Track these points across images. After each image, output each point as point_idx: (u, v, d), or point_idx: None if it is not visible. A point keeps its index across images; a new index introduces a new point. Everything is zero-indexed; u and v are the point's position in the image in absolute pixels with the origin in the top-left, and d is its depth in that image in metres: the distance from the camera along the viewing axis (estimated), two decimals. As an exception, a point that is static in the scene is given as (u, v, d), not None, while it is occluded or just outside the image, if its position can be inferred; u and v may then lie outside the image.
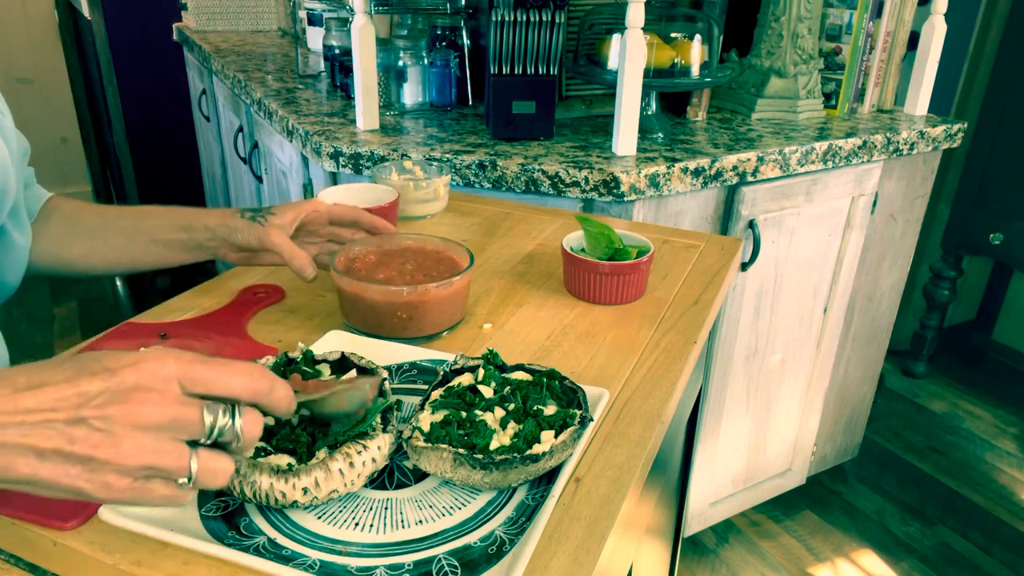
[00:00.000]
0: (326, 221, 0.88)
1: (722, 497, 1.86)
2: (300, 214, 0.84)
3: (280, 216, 0.82)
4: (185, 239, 0.84)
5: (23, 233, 0.84)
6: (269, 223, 0.81)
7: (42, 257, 0.87)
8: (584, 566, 0.51)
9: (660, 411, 0.68)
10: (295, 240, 0.84)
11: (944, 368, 2.70)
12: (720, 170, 1.40)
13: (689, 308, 0.87)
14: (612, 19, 1.58)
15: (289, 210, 0.84)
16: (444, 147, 1.40)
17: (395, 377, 0.71)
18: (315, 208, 0.86)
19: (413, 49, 1.65)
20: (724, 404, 1.71)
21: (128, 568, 0.50)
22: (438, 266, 0.81)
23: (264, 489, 0.52)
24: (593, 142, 1.47)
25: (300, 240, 0.87)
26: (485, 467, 0.54)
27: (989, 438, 2.36)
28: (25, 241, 0.84)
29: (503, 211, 1.16)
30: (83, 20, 3.21)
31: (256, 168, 2.03)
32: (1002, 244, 2.36)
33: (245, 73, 2.01)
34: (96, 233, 0.87)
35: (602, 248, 0.88)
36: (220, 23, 2.73)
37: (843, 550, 1.93)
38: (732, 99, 1.76)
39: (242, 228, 0.80)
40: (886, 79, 1.79)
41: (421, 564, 0.51)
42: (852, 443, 2.15)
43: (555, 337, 0.80)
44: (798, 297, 1.69)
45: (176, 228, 0.84)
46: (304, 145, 1.50)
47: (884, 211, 1.78)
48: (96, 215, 0.89)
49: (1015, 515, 2.05)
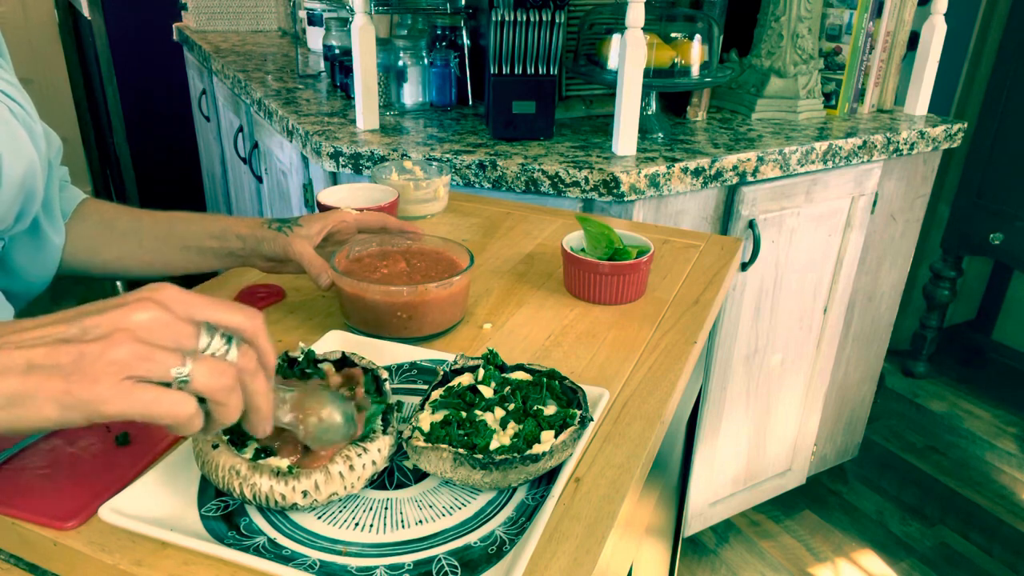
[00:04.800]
0: (355, 231, 0.88)
1: (722, 497, 1.86)
2: (328, 225, 0.85)
3: (307, 227, 0.83)
4: (217, 247, 0.85)
5: (57, 231, 0.86)
6: (295, 233, 0.82)
7: (77, 257, 0.89)
8: (584, 566, 0.51)
9: (660, 411, 0.68)
10: (323, 250, 0.84)
11: (944, 368, 2.70)
12: (720, 170, 1.40)
13: (689, 308, 0.87)
14: (612, 19, 1.58)
15: (316, 221, 0.84)
16: (444, 147, 1.40)
17: (395, 377, 0.71)
18: (343, 219, 0.86)
19: (413, 49, 1.65)
20: (724, 404, 1.71)
21: (128, 568, 0.50)
22: (438, 266, 0.81)
23: (264, 491, 0.52)
24: (593, 142, 1.47)
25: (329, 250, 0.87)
26: (485, 467, 0.54)
27: (989, 438, 2.36)
28: (59, 239, 0.86)
29: (503, 211, 1.16)
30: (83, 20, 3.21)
31: (256, 168, 2.03)
32: (1002, 244, 2.36)
33: (245, 73, 2.01)
34: (131, 237, 0.88)
35: (602, 248, 0.88)
36: (220, 23, 2.73)
37: (843, 550, 1.93)
38: (732, 99, 1.76)
39: (269, 238, 0.81)
40: (886, 79, 1.79)
41: (421, 564, 0.51)
42: (852, 443, 2.15)
43: (555, 337, 0.80)
44: (798, 297, 1.69)
45: (208, 236, 0.85)
46: (304, 145, 1.50)
47: (884, 211, 1.78)
48: (132, 219, 0.90)
49: (1015, 515, 2.05)
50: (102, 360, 0.43)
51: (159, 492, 0.55)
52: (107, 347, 0.43)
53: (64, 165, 0.92)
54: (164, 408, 0.44)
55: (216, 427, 0.47)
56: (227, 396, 0.46)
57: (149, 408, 0.43)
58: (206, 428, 0.47)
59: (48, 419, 0.43)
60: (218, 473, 0.53)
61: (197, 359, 0.45)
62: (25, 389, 0.43)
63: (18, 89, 0.78)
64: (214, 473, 0.53)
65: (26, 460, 0.58)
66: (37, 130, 0.79)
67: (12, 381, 0.43)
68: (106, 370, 0.43)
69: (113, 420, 0.43)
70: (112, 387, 0.43)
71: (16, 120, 0.74)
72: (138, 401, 0.43)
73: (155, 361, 0.44)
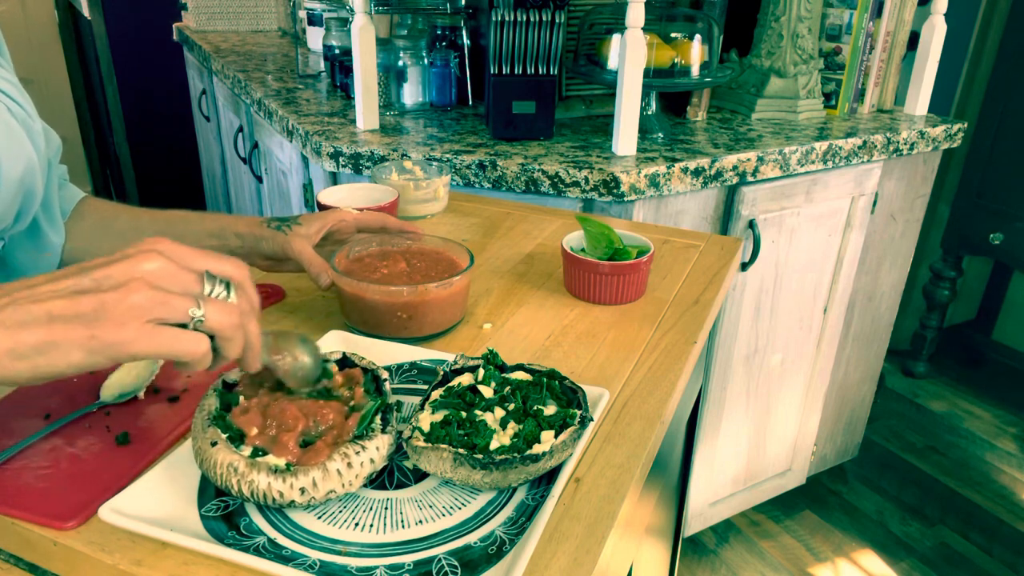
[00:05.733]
0: (354, 230, 0.88)
1: (722, 497, 1.86)
2: (327, 224, 0.84)
3: (306, 226, 0.83)
4: (216, 246, 0.84)
5: (57, 231, 0.86)
6: (293, 232, 0.82)
7: (75, 255, 0.89)
8: (584, 566, 0.51)
9: (660, 411, 0.68)
10: (323, 249, 0.84)
11: (944, 368, 2.70)
12: (720, 170, 1.40)
13: (689, 308, 0.87)
14: (612, 19, 1.58)
15: (315, 220, 0.84)
16: (444, 147, 1.40)
17: (395, 377, 0.71)
18: (342, 218, 0.86)
19: (413, 49, 1.65)
20: (724, 404, 1.71)
21: (128, 568, 0.50)
22: (438, 266, 0.81)
23: (262, 488, 0.52)
24: (593, 142, 1.47)
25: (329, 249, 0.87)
26: (485, 467, 0.54)
27: (989, 438, 2.36)
28: (58, 239, 0.86)
29: (503, 211, 1.16)
30: (83, 20, 3.21)
31: (256, 168, 2.03)
32: (1002, 244, 2.36)
33: (245, 73, 2.01)
34: (129, 235, 0.88)
35: (602, 248, 0.88)
36: (220, 23, 2.73)
37: (843, 550, 1.93)
38: (732, 99, 1.76)
39: (267, 237, 0.81)
40: (886, 79, 1.79)
41: (421, 564, 0.51)
42: (852, 443, 2.15)
43: (555, 337, 0.80)
44: (798, 297, 1.69)
45: (207, 235, 0.85)
46: (304, 145, 1.50)
47: (884, 211, 1.78)
48: (130, 218, 0.90)
49: (1015, 515, 2.05)
50: (123, 305, 0.47)
51: (159, 492, 0.55)
52: (126, 294, 0.47)
53: (63, 164, 0.92)
54: (185, 346, 0.49)
55: (221, 362, 0.53)
56: (235, 332, 0.51)
57: (172, 346, 0.48)
58: (213, 363, 0.52)
59: (73, 364, 0.47)
60: (216, 470, 0.53)
61: (207, 302, 0.50)
62: (51, 338, 0.47)
63: (17, 88, 0.78)
64: (212, 470, 0.53)
65: (26, 460, 0.58)
66: (36, 129, 0.79)
67: (37, 332, 0.47)
68: (129, 314, 0.47)
69: (136, 359, 0.49)
70: (137, 329, 0.47)
71: (15, 119, 0.74)
72: (162, 341, 0.48)
73: (172, 305, 0.48)
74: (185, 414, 0.64)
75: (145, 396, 0.66)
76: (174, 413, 0.65)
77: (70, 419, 0.63)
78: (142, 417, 0.64)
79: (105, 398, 0.65)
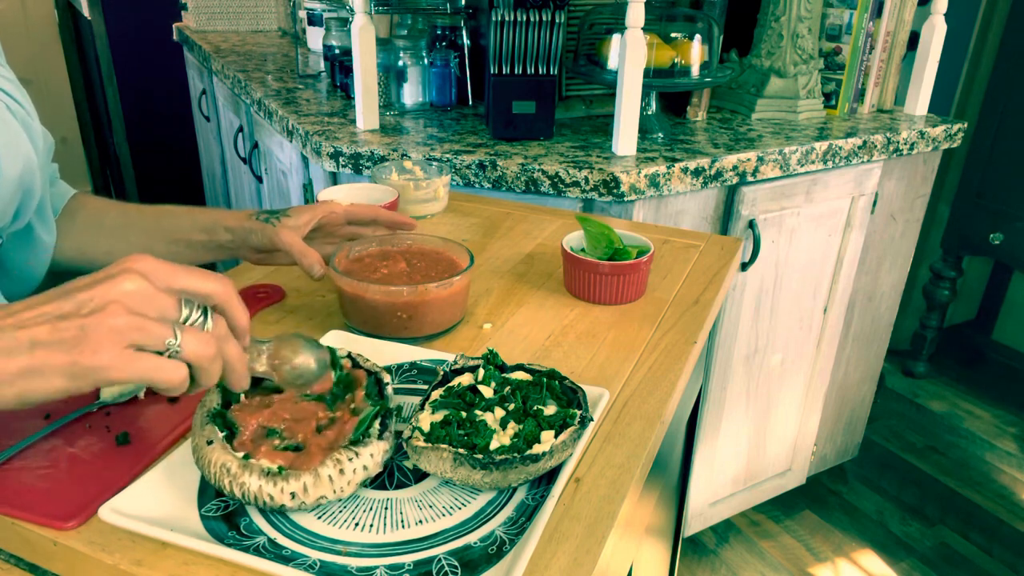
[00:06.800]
0: (344, 222, 0.88)
1: (722, 497, 1.86)
2: (316, 216, 0.84)
3: (295, 218, 0.83)
4: (206, 240, 0.84)
5: (48, 230, 0.86)
6: (282, 224, 0.82)
7: (66, 253, 0.89)
8: (584, 566, 0.51)
9: (660, 411, 0.68)
10: (312, 241, 0.84)
11: (944, 368, 2.70)
12: (720, 170, 1.40)
13: (689, 308, 0.87)
14: (612, 19, 1.58)
15: (304, 212, 0.84)
16: (444, 147, 1.40)
17: (395, 377, 0.71)
18: (331, 210, 0.86)
19: (413, 49, 1.65)
20: (724, 404, 1.71)
21: (128, 568, 0.50)
22: (438, 266, 0.81)
23: (253, 491, 0.52)
24: (593, 142, 1.47)
25: (319, 241, 0.87)
26: (485, 467, 0.54)
27: (989, 438, 2.36)
28: (50, 238, 0.86)
29: (503, 211, 1.16)
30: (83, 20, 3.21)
31: (256, 168, 2.03)
32: (1002, 244, 2.36)
33: (245, 73, 2.01)
34: (118, 232, 0.88)
35: (602, 248, 0.88)
36: (220, 23, 2.73)
37: (843, 550, 1.93)
38: (732, 99, 1.76)
39: (256, 230, 0.81)
40: (886, 79, 1.79)
41: (421, 564, 0.51)
42: (852, 443, 2.15)
43: (555, 337, 0.80)
44: (798, 297, 1.69)
45: (197, 229, 0.85)
46: (304, 145, 1.50)
47: (884, 211, 1.78)
48: (119, 214, 0.90)
49: (1015, 515, 2.05)
50: (102, 328, 0.47)
51: (159, 492, 0.55)
52: (104, 318, 0.47)
53: (55, 162, 0.92)
54: (162, 374, 0.49)
55: (198, 388, 0.53)
56: (211, 363, 0.51)
57: (150, 374, 0.48)
58: (189, 389, 0.52)
59: (57, 389, 0.48)
60: (210, 469, 0.53)
61: (184, 331, 0.50)
62: (33, 365, 0.47)
63: (16, 86, 0.78)
64: (207, 469, 0.53)
65: (26, 460, 0.58)
66: (35, 127, 0.79)
67: (20, 359, 0.47)
68: (107, 339, 0.47)
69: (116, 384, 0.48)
70: (116, 355, 0.47)
71: (15, 118, 0.74)
72: (140, 368, 0.48)
73: (149, 331, 0.48)
74: (185, 414, 0.64)
75: (145, 396, 0.66)
76: (174, 413, 0.65)
77: (70, 419, 0.63)
78: (142, 417, 0.64)
79: (105, 398, 0.65)
